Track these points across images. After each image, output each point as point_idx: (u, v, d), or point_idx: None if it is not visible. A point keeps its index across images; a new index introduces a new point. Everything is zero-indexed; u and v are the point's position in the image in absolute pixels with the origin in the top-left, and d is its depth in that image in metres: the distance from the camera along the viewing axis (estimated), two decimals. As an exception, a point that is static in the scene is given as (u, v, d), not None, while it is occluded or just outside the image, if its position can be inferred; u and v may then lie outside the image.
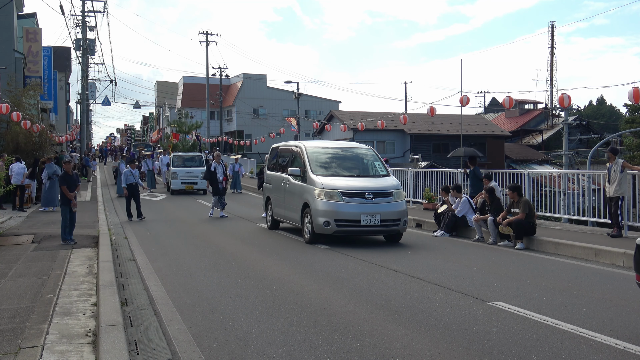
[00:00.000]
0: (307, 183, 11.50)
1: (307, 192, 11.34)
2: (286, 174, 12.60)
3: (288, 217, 12.61)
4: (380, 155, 12.84)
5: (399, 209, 11.08)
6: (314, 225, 10.93)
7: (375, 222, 10.74)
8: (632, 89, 14.04)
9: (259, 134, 53.42)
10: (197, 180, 25.08)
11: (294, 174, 12.10)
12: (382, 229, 10.99)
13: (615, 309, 6.33)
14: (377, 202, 10.85)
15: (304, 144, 12.66)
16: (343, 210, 10.72)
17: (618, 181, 10.81)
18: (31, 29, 34.50)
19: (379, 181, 11.52)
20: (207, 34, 49.86)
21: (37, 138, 26.25)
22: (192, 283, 7.73)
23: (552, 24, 57.64)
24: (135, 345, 5.18)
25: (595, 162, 30.53)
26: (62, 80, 47.33)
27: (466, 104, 21.43)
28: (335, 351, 4.94)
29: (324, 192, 10.92)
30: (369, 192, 10.86)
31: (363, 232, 11.00)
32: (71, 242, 11.09)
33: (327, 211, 10.77)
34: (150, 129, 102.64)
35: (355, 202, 10.76)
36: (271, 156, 14.53)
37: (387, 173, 12.14)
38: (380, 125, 31.37)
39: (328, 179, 11.23)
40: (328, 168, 11.83)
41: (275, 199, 13.37)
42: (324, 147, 12.73)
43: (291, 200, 12.24)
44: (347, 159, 12.43)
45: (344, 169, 11.97)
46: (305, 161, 11.92)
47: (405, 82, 67.28)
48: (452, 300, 6.71)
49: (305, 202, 11.38)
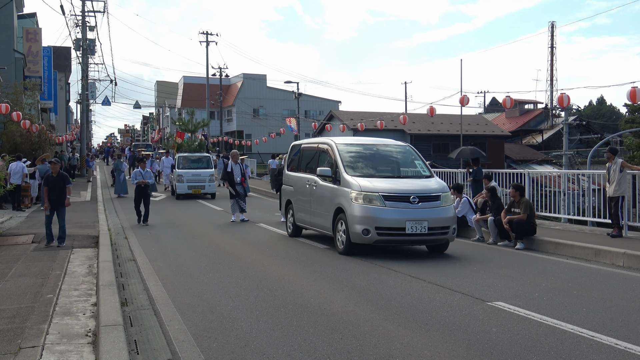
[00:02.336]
0: (340, 185, 10.18)
1: (341, 196, 10.03)
2: (312, 174, 11.32)
3: (315, 224, 11.24)
4: (420, 154, 11.52)
5: (448, 214, 9.82)
6: (350, 233, 9.62)
7: (422, 230, 9.43)
8: (630, 89, 14.06)
9: (259, 134, 53.45)
10: (204, 183, 23.33)
11: (323, 174, 10.70)
12: (430, 237, 9.69)
13: (615, 309, 6.33)
14: (424, 207, 9.56)
15: (334, 141, 11.26)
16: (385, 217, 9.41)
17: (617, 181, 10.82)
18: (31, 29, 34.52)
19: (423, 183, 10.20)
20: (207, 34, 49.86)
21: (37, 138, 26.29)
22: (192, 283, 7.73)
23: (552, 24, 57.70)
24: (135, 345, 5.18)
25: (595, 162, 30.52)
26: (62, 80, 47.35)
27: (466, 104, 21.47)
28: (335, 351, 4.94)
29: (362, 196, 9.59)
30: (414, 196, 9.56)
31: (408, 241, 9.73)
32: (56, 245, 10.67)
33: (366, 217, 9.45)
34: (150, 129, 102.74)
35: (399, 207, 9.46)
36: (291, 155, 13.15)
37: (431, 173, 10.77)
38: (379, 126, 31.37)
39: (365, 180, 9.92)
40: (363, 168, 10.56)
41: (297, 203, 11.99)
42: (357, 144, 11.40)
43: (319, 205, 10.93)
44: (383, 158, 11.17)
45: (381, 169, 10.71)
46: (337, 160, 10.57)
47: (405, 82, 67.35)
48: (452, 300, 6.71)
49: (338, 207, 10.06)
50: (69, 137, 48.58)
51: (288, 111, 59.29)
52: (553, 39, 57.94)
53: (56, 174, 10.98)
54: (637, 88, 14.06)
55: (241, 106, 61.69)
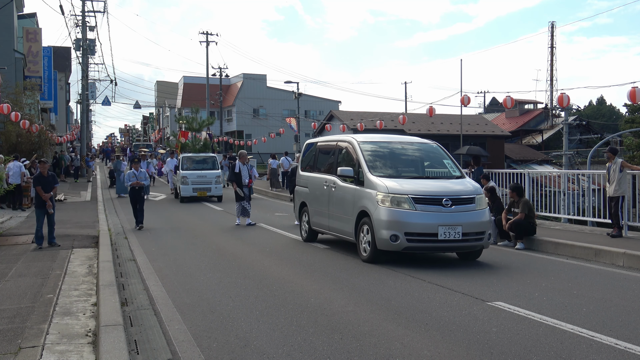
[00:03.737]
0: (363, 186, 9.39)
1: (365, 198, 9.25)
2: (330, 174, 10.59)
3: (334, 229, 10.42)
4: (448, 152, 10.72)
5: (483, 219, 9.08)
6: (375, 239, 8.83)
7: (455, 236, 8.68)
8: (630, 89, 14.07)
9: (259, 134, 53.43)
10: (210, 185, 22.24)
11: (345, 174, 9.86)
12: (464, 244, 8.91)
13: (615, 309, 6.33)
14: (458, 211, 8.81)
15: (355, 138, 10.49)
16: (416, 221, 8.66)
17: (617, 181, 10.83)
18: (31, 29, 34.53)
19: (454, 184, 9.41)
20: (207, 34, 49.88)
21: (37, 138, 26.30)
22: (192, 283, 7.73)
23: (552, 24, 57.65)
24: (135, 345, 5.18)
25: (595, 162, 30.53)
26: (62, 80, 47.36)
27: (467, 104, 21.46)
28: (335, 351, 4.94)
29: (390, 198, 8.81)
30: (447, 198, 8.82)
31: (440, 248, 9.01)
32: (47, 246, 10.57)
33: (394, 222, 8.67)
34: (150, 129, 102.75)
35: (430, 210, 8.72)
36: (305, 154, 12.31)
37: (462, 174, 9.98)
38: (379, 126, 31.37)
39: (392, 181, 9.15)
40: (388, 167, 9.77)
41: (313, 206, 11.21)
42: (380, 142, 10.53)
43: (339, 208, 10.14)
44: (409, 157, 10.38)
45: (407, 169, 9.95)
46: (359, 159, 9.80)
47: (405, 82, 67.29)
48: (452, 300, 6.71)
49: (362, 210, 9.29)
50: (69, 137, 48.57)
51: (288, 111, 59.31)
52: (553, 39, 57.95)
53: (46, 174, 10.93)
54: (637, 88, 14.07)
55: (241, 106, 61.71)
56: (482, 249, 9.37)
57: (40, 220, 10.72)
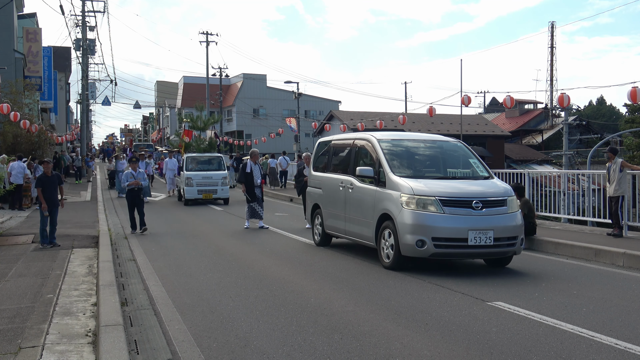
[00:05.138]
0: (385, 187, 8.81)
1: (388, 200, 8.66)
2: (346, 175, 10.06)
3: (351, 233, 9.86)
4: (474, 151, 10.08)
5: (516, 222, 8.45)
6: (400, 245, 8.25)
7: (487, 242, 8.09)
8: (631, 89, 14.07)
9: (259, 134, 53.46)
10: (217, 187, 21.11)
11: (364, 174, 9.29)
12: (495, 250, 8.29)
13: (615, 309, 6.34)
14: (489, 214, 8.22)
15: (374, 136, 9.88)
16: (444, 225, 8.05)
17: (617, 180, 10.84)
18: (31, 29, 34.54)
19: (483, 185, 8.83)
20: (207, 34, 49.88)
21: (36, 138, 26.29)
22: (192, 283, 7.73)
23: (552, 24, 57.64)
24: (135, 345, 5.18)
25: (595, 162, 30.56)
26: (62, 80, 47.36)
27: (467, 104, 21.43)
28: (335, 351, 4.94)
29: (416, 200, 8.22)
30: (477, 200, 8.22)
31: (470, 255, 8.45)
32: (49, 245, 10.56)
33: (420, 226, 8.07)
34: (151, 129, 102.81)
35: (460, 213, 8.12)
36: (318, 153, 11.74)
37: (490, 174, 9.35)
38: (379, 126, 31.36)
39: (416, 181, 8.56)
40: (411, 167, 9.20)
41: (328, 208, 10.66)
42: (402, 139, 9.97)
43: (358, 211, 9.56)
44: (433, 155, 9.79)
45: (431, 169, 9.41)
46: (379, 158, 9.20)
47: (405, 82, 67.27)
48: (452, 300, 6.71)
49: (384, 213, 8.71)
50: (69, 137, 48.59)
51: (288, 111, 59.35)
52: (553, 38, 57.94)
53: (50, 174, 10.87)
54: (638, 88, 14.07)
55: (241, 106, 61.75)
56: (512, 256, 8.76)
57: (45, 220, 10.68)
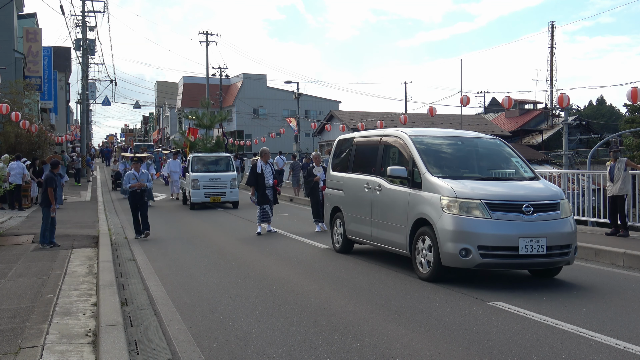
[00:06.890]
0: (421, 189, 7.95)
1: (424, 203, 7.81)
2: (372, 175, 9.24)
3: (379, 239, 9.00)
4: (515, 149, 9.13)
5: (569, 229, 7.60)
6: (440, 253, 7.42)
7: (539, 250, 7.24)
8: (631, 89, 14.08)
9: (259, 134, 53.50)
10: (225, 189, 19.62)
11: (396, 175, 8.37)
12: (548, 260, 7.43)
13: (615, 309, 6.34)
14: (541, 219, 7.38)
15: (406, 133, 8.90)
16: (492, 232, 7.23)
17: (622, 179, 10.86)
18: (31, 29, 34.55)
19: (531, 186, 7.99)
20: (207, 34, 49.88)
21: (36, 138, 26.30)
22: (192, 283, 7.73)
23: (552, 24, 57.61)
24: (135, 345, 5.18)
25: (595, 162, 30.52)
26: (62, 80, 47.40)
27: (467, 104, 21.46)
28: (335, 351, 4.94)
29: (458, 204, 7.38)
30: (527, 204, 7.38)
31: (520, 265, 7.52)
32: (49, 245, 10.55)
33: (464, 233, 7.25)
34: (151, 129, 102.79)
35: (509, 218, 7.28)
36: (338, 152, 10.90)
37: (535, 175, 8.42)
38: (379, 126, 31.35)
39: (457, 182, 7.71)
40: (449, 167, 8.33)
41: (350, 212, 9.86)
42: (436, 136, 9.08)
43: (387, 215, 8.73)
44: (471, 154, 8.84)
45: (471, 169, 8.46)
46: (413, 156, 8.30)
47: (405, 82, 67.25)
48: (452, 300, 6.71)
49: (420, 217, 7.87)
50: (69, 137, 48.60)
51: (288, 111, 59.35)
52: (553, 38, 57.90)
53: (57, 172, 11.10)
54: (638, 88, 14.08)
55: (241, 106, 61.75)
56: (562, 266, 7.90)
57: (52, 221, 10.69)
